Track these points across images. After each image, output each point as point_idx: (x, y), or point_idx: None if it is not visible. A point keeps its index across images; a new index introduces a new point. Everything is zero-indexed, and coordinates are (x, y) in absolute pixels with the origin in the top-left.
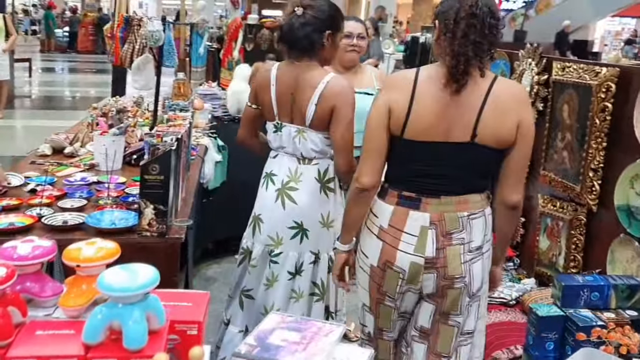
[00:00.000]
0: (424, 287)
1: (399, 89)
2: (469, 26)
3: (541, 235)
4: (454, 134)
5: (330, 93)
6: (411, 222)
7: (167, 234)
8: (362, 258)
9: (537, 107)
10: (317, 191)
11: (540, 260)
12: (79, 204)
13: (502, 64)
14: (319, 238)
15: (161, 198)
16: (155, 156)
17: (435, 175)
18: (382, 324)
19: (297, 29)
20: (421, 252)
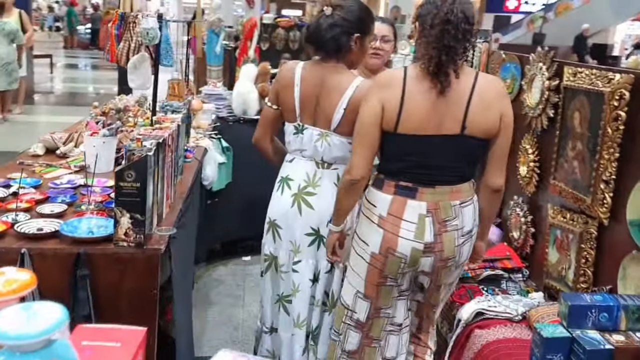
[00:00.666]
0: (421, 267)
1: (390, 87)
2: (443, 31)
3: (550, 247)
4: (445, 127)
5: (360, 98)
6: (409, 210)
7: (146, 244)
8: (361, 246)
9: (547, 114)
10: (333, 197)
11: (549, 273)
12: (59, 210)
13: (512, 67)
14: None
15: (138, 207)
16: (131, 162)
17: (430, 166)
18: (382, 302)
19: (325, 30)
20: (420, 238)
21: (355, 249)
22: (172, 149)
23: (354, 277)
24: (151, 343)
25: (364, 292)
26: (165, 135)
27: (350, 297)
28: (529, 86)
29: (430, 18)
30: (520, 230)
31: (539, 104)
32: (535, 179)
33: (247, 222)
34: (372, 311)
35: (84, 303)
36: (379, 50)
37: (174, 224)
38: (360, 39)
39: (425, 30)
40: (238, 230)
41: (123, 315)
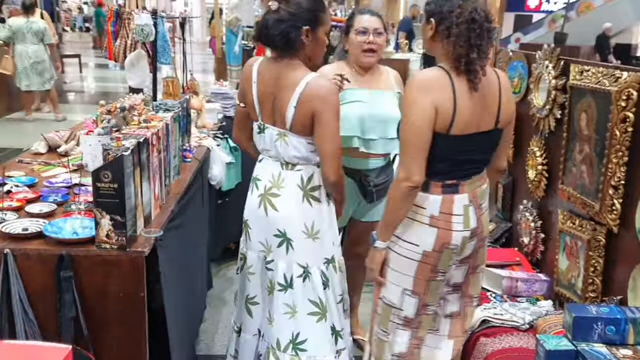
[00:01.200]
0: (465, 252)
1: (440, 89)
2: (470, 30)
3: (560, 254)
4: (484, 123)
5: (309, 95)
6: (457, 204)
7: (129, 247)
8: (408, 248)
9: (554, 115)
10: (299, 199)
11: (559, 280)
12: (48, 209)
13: (519, 65)
14: (305, 250)
15: (117, 208)
16: (107, 162)
17: (469, 161)
18: (430, 299)
19: (272, 27)
20: (467, 226)
21: (397, 251)
22: (159, 149)
23: (399, 277)
24: (142, 346)
25: (412, 289)
26: (148, 134)
27: (397, 295)
28: (535, 85)
29: (455, 17)
30: (530, 235)
31: (546, 105)
32: (544, 183)
33: None
34: (420, 307)
35: (70, 305)
36: (373, 44)
37: (162, 225)
38: (311, 31)
39: (450, 29)
40: None
41: (112, 317)
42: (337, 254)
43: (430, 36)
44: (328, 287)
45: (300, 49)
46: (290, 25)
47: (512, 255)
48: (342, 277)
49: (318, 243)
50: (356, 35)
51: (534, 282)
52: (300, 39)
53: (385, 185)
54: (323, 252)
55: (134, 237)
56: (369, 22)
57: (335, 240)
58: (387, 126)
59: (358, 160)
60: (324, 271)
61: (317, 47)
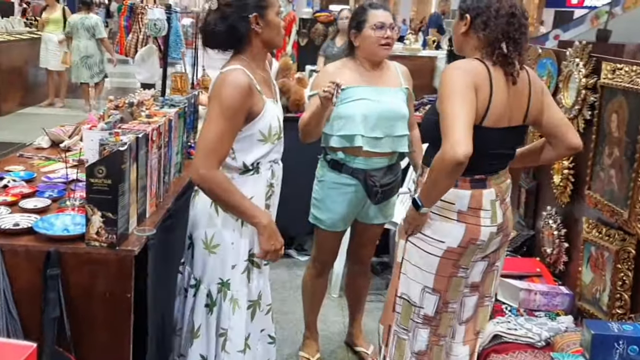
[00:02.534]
0: (491, 248)
1: (480, 75)
2: (509, 24)
3: (584, 265)
4: (514, 118)
5: (215, 88)
6: (485, 199)
7: (119, 245)
8: (432, 244)
9: (584, 116)
10: (207, 203)
11: (582, 294)
12: (43, 205)
13: (548, 63)
14: (202, 261)
15: (109, 205)
16: (102, 157)
17: (498, 156)
18: (451, 296)
19: (216, 26)
20: (495, 221)
21: (421, 247)
22: (159, 145)
23: (420, 274)
24: (126, 349)
25: (432, 287)
26: (149, 130)
27: (417, 293)
28: (565, 84)
29: (493, 10)
30: (553, 244)
31: (574, 105)
32: (569, 189)
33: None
34: (440, 305)
35: (54, 304)
36: (390, 39)
37: (156, 224)
38: (260, 17)
39: (488, 24)
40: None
41: (97, 318)
42: (235, 282)
43: (463, 32)
44: (211, 313)
45: (255, 38)
46: (235, 18)
47: (532, 266)
48: (238, 315)
49: (214, 259)
50: (373, 30)
51: (554, 296)
52: (251, 30)
53: (392, 185)
54: (219, 271)
55: (125, 235)
56: (385, 17)
57: (237, 264)
58: (394, 123)
59: (363, 159)
60: (213, 293)
61: (272, 31)
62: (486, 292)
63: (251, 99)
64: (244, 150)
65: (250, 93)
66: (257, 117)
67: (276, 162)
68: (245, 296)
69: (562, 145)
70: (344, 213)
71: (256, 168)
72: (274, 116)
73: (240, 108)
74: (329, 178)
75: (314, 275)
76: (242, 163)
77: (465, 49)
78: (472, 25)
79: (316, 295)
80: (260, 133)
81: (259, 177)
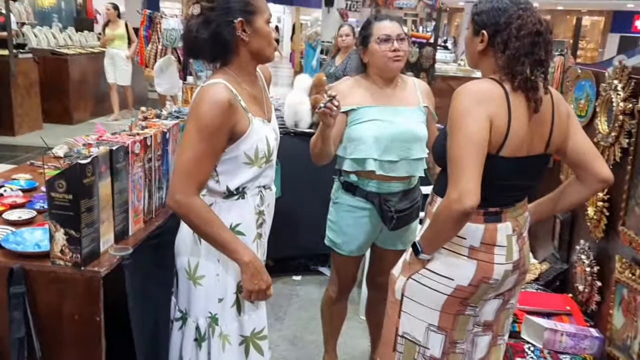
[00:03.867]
0: (505, 287)
1: (495, 103)
2: (534, 45)
3: (616, 308)
4: (534, 147)
5: (195, 103)
6: (500, 234)
7: (85, 265)
8: (441, 281)
9: (621, 144)
10: (190, 231)
11: (612, 339)
12: (28, 217)
13: (587, 85)
14: (187, 292)
15: (71, 221)
16: (63, 170)
17: (515, 187)
18: (458, 335)
19: (198, 32)
20: (510, 259)
21: (426, 284)
22: (144, 158)
23: (424, 310)
24: None
25: (437, 324)
26: (128, 142)
27: (421, 331)
28: (602, 109)
29: (514, 29)
30: (585, 282)
31: (611, 131)
32: (603, 223)
33: (298, 240)
34: (447, 345)
35: (19, 324)
36: (398, 51)
37: (138, 242)
38: (246, 23)
39: (509, 42)
40: (289, 248)
41: (66, 341)
42: (224, 317)
43: (480, 50)
44: (201, 348)
45: (242, 47)
46: (219, 23)
47: (562, 303)
48: (229, 353)
49: (200, 291)
50: (378, 44)
51: (582, 338)
52: (237, 36)
53: (410, 211)
54: (205, 304)
55: (95, 254)
56: (391, 28)
57: (225, 298)
58: (410, 146)
59: (377, 182)
60: (202, 327)
61: (261, 40)
62: (500, 331)
63: (233, 116)
64: (228, 174)
65: (232, 110)
66: (241, 138)
67: (267, 188)
68: (235, 331)
69: (592, 177)
70: (359, 237)
71: (241, 193)
72: (262, 137)
73: (219, 127)
74: (343, 200)
75: (332, 299)
76: (226, 187)
77: (481, 67)
78: (490, 43)
79: (335, 320)
80: (245, 155)
81: (244, 203)
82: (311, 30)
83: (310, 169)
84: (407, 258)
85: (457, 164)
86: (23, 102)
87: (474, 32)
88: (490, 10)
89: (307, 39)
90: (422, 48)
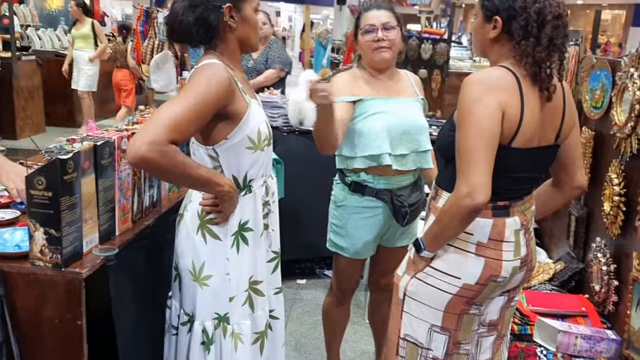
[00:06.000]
0: (512, 284)
1: (508, 90)
2: (555, 28)
3: (634, 308)
4: (545, 137)
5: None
6: (508, 229)
7: (65, 266)
8: (447, 280)
9: (638, 135)
10: (193, 229)
11: (630, 341)
12: (11, 216)
13: (603, 74)
14: (191, 295)
15: (51, 220)
16: (41, 166)
17: (525, 180)
18: (462, 336)
19: (184, 15)
20: (518, 254)
21: (431, 284)
22: None
23: (427, 311)
24: None
25: (440, 325)
26: (114, 138)
27: (423, 333)
28: (618, 99)
29: (534, 13)
30: (601, 281)
31: (628, 122)
32: (620, 219)
33: (303, 242)
34: (450, 346)
35: None
36: (383, 40)
37: (125, 242)
38: (234, 9)
39: (528, 28)
40: (294, 251)
41: (46, 346)
42: (236, 315)
43: (493, 36)
44: (209, 351)
45: (227, 33)
46: (206, 6)
47: (578, 304)
48: (241, 352)
49: (206, 292)
50: (363, 35)
51: (598, 341)
52: (224, 22)
53: (419, 203)
54: (213, 305)
55: (77, 255)
56: (376, 17)
57: (236, 296)
58: (418, 138)
59: (388, 178)
60: (208, 329)
61: (249, 28)
62: (503, 330)
63: (232, 95)
64: (232, 163)
65: (231, 89)
66: (242, 120)
67: (270, 177)
68: (248, 330)
69: (570, 182)
70: (368, 238)
71: (248, 187)
72: (262, 119)
73: (216, 98)
74: (350, 202)
75: (334, 304)
76: (232, 177)
77: (491, 54)
78: (506, 30)
79: (337, 325)
80: (248, 139)
81: (252, 198)
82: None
83: (316, 168)
84: (411, 256)
85: (467, 156)
86: (26, 105)
87: (485, 19)
88: None
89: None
90: (435, 44)
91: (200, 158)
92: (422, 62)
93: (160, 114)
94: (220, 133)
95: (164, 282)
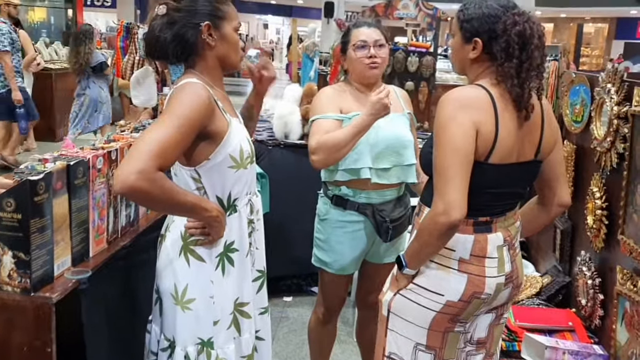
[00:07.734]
0: (497, 301)
1: (482, 109)
2: (537, 49)
3: (619, 322)
4: (523, 154)
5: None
6: (490, 245)
7: (35, 291)
8: (430, 297)
9: (617, 149)
10: (176, 251)
11: (617, 356)
12: None
13: (582, 90)
14: (173, 318)
15: (20, 243)
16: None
17: (506, 195)
18: (448, 354)
19: (161, 32)
20: (502, 271)
21: (415, 300)
22: (107, 174)
23: (412, 329)
24: None
25: (425, 343)
26: (89, 156)
27: (409, 351)
28: (597, 113)
29: (515, 35)
30: (587, 295)
31: (607, 136)
32: (603, 232)
33: (289, 258)
34: None
35: None
36: (375, 58)
37: (98, 265)
38: (213, 27)
39: (510, 50)
40: (280, 267)
41: None
42: (220, 339)
43: (473, 57)
44: None
45: (205, 51)
46: (184, 24)
47: (565, 319)
48: None
49: (189, 315)
50: (355, 50)
51: (585, 356)
52: (202, 40)
53: (404, 219)
54: (196, 330)
55: (48, 278)
56: (368, 34)
57: (221, 319)
58: (402, 152)
59: (369, 192)
60: (191, 354)
61: (228, 46)
62: (493, 348)
63: (212, 115)
64: (215, 183)
65: (211, 108)
66: (223, 140)
67: (255, 194)
68: (233, 354)
69: (554, 200)
70: (351, 254)
71: (233, 206)
72: (243, 137)
73: (199, 119)
74: (332, 216)
75: (320, 322)
76: (216, 198)
77: (470, 72)
78: (486, 51)
79: (324, 344)
80: (230, 158)
81: (237, 218)
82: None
83: (301, 182)
84: (394, 272)
85: (442, 174)
86: None
87: (464, 39)
88: (482, 16)
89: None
90: (422, 57)
91: (183, 179)
92: (409, 75)
93: (145, 140)
94: (202, 153)
95: (141, 305)
